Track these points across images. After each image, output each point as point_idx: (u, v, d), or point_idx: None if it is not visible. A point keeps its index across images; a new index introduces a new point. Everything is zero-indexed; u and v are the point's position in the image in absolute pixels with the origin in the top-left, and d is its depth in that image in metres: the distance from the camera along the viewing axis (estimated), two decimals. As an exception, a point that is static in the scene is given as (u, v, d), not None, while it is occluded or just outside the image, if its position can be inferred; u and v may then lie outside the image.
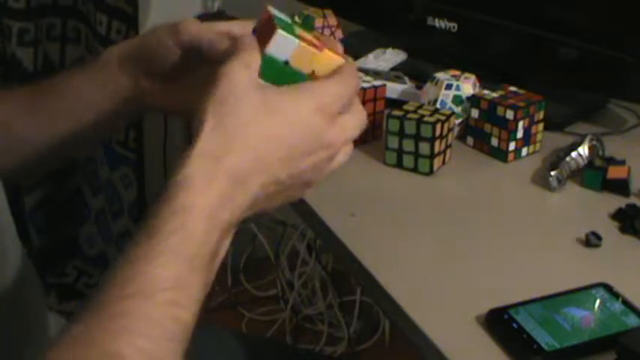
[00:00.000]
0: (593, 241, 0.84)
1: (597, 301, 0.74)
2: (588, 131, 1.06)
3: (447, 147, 0.99)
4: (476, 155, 1.04)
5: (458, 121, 1.04)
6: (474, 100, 1.04)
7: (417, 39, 1.30)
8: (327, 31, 1.31)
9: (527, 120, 1.01)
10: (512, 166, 1.02)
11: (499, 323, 0.71)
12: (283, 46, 0.63)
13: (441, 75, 1.07)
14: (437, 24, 1.24)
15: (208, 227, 0.57)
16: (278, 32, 0.63)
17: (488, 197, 0.96)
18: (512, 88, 1.05)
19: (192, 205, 0.56)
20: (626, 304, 0.73)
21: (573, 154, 0.97)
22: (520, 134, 1.01)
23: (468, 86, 1.05)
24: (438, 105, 1.04)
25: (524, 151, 1.03)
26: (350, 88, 0.65)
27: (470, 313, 0.73)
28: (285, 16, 0.68)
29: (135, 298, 0.53)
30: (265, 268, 2.03)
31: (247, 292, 2.03)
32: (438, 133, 0.96)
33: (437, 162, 0.98)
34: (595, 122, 1.13)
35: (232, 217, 0.59)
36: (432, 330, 0.71)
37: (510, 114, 1.00)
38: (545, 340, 0.68)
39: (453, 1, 1.24)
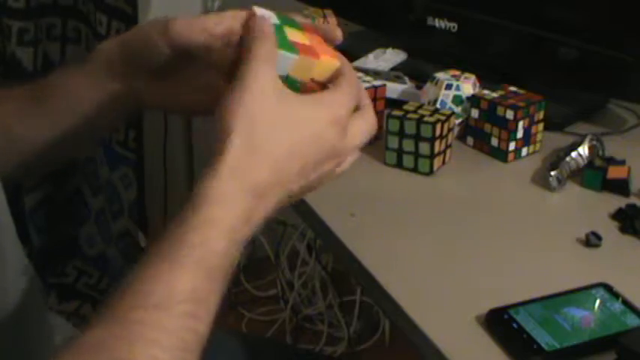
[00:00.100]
0: (593, 241, 0.84)
1: (597, 301, 0.74)
2: (588, 131, 1.06)
3: (447, 147, 0.99)
4: (476, 155, 1.04)
5: (458, 121, 1.04)
6: (474, 100, 1.04)
7: (417, 39, 1.30)
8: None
9: (527, 120, 1.01)
10: (512, 166, 1.02)
11: (499, 323, 0.71)
12: (282, 62, 0.64)
13: (441, 75, 1.07)
14: (437, 24, 1.24)
15: (229, 243, 0.58)
16: (277, 52, 0.63)
17: (488, 197, 0.96)
18: (512, 88, 1.05)
19: (216, 219, 0.57)
20: (626, 304, 0.73)
21: (573, 154, 0.97)
22: (520, 134, 1.01)
23: (468, 86, 1.05)
24: (438, 105, 1.04)
25: (524, 151, 1.03)
26: (354, 94, 0.66)
27: (470, 313, 0.73)
28: (270, 14, 0.67)
29: (153, 308, 0.54)
30: (265, 268, 2.03)
31: (247, 292, 2.03)
32: (438, 133, 0.96)
33: (437, 162, 0.98)
34: (595, 122, 1.13)
35: (250, 231, 0.60)
36: (432, 330, 0.71)
37: (510, 114, 1.00)
38: (545, 340, 0.68)
39: (453, 1, 1.24)
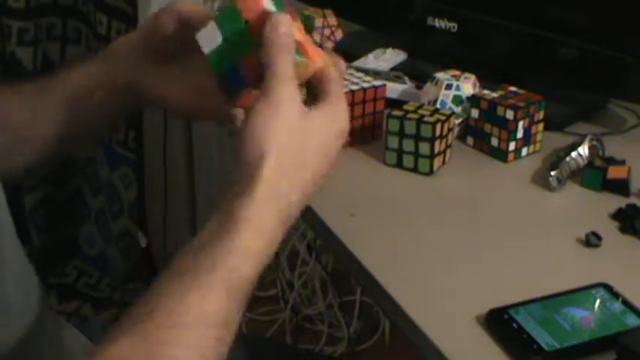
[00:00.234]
0: (593, 241, 0.84)
1: (597, 301, 0.74)
2: (588, 131, 1.06)
3: (447, 147, 0.99)
4: (476, 155, 1.04)
5: (458, 121, 1.04)
6: (474, 100, 1.04)
7: (417, 39, 1.30)
8: (327, 31, 1.31)
9: (527, 120, 1.01)
10: (512, 166, 1.02)
11: (499, 323, 0.71)
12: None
13: (441, 75, 1.07)
14: (437, 24, 1.24)
15: (257, 269, 0.61)
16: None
17: (488, 197, 0.96)
18: (512, 88, 1.05)
19: (252, 248, 0.60)
20: (626, 304, 0.73)
21: (573, 154, 0.97)
22: (520, 134, 1.01)
23: (468, 86, 1.05)
24: (438, 105, 1.04)
25: (524, 151, 1.03)
26: (344, 98, 0.69)
27: (470, 313, 0.73)
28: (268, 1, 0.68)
29: (185, 329, 0.56)
30: (265, 268, 2.02)
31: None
32: (438, 133, 0.96)
33: (437, 162, 0.97)
34: (595, 122, 1.13)
35: (272, 254, 0.63)
36: (432, 330, 0.71)
37: (510, 114, 1.00)
38: (545, 340, 0.68)
39: (453, 1, 1.24)
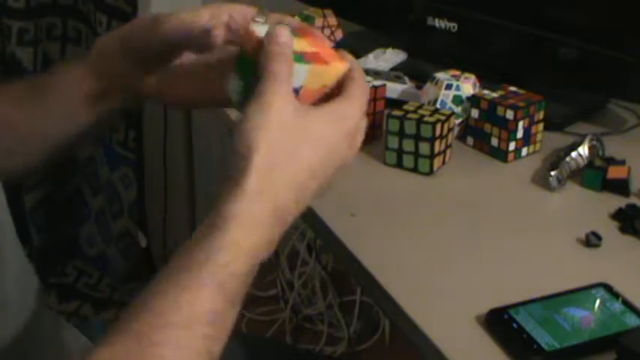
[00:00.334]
0: (593, 241, 0.84)
1: (597, 301, 0.74)
2: (588, 131, 1.06)
3: (447, 147, 0.99)
4: (476, 155, 1.04)
5: (458, 121, 1.04)
6: (474, 100, 1.04)
7: (417, 39, 1.30)
8: (327, 31, 1.31)
9: (527, 120, 1.01)
10: (512, 166, 1.02)
11: (499, 323, 0.71)
12: (296, 76, 0.63)
13: (441, 75, 1.07)
14: (437, 24, 1.24)
15: (250, 267, 0.60)
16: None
17: (488, 197, 0.96)
18: (512, 88, 1.05)
19: (242, 243, 0.59)
20: (626, 304, 0.73)
21: (573, 154, 0.97)
22: (520, 134, 1.01)
23: (468, 86, 1.05)
24: (438, 105, 1.04)
25: (524, 151, 1.03)
26: (365, 100, 0.67)
27: (470, 313, 0.73)
28: (266, 27, 0.65)
29: (175, 329, 0.55)
30: (265, 268, 2.01)
31: (247, 292, 2.02)
32: (438, 133, 0.96)
33: (437, 162, 0.97)
34: (595, 122, 1.13)
35: (268, 255, 0.62)
36: (432, 330, 0.71)
37: (510, 114, 1.00)
38: (545, 340, 0.68)
39: (453, 1, 1.24)
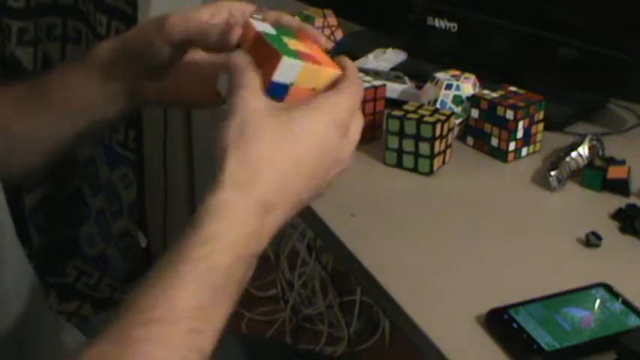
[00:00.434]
0: (593, 241, 0.84)
1: (597, 301, 0.74)
2: (588, 131, 1.06)
3: (447, 147, 0.99)
4: (476, 155, 1.04)
5: (458, 121, 1.04)
6: (474, 100, 1.04)
7: (417, 39, 1.30)
8: (327, 31, 1.31)
9: (527, 120, 1.01)
10: (512, 166, 1.02)
11: (499, 323, 0.71)
12: (288, 70, 0.63)
13: (441, 75, 1.07)
14: (437, 24, 1.24)
15: (235, 260, 0.57)
16: (284, 59, 0.63)
17: (488, 197, 0.96)
18: (512, 88, 1.05)
19: (221, 235, 0.57)
20: (626, 304, 0.73)
21: (573, 154, 0.97)
22: (520, 134, 1.01)
23: (468, 86, 1.05)
24: (438, 105, 1.04)
25: (524, 151, 1.03)
26: (357, 98, 0.65)
27: (470, 313, 0.73)
28: (266, 25, 0.67)
29: (155, 324, 0.53)
30: (265, 268, 2.03)
31: (247, 292, 2.03)
32: (438, 133, 0.96)
33: (437, 162, 0.97)
34: (595, 122, 1.13)
35: (259, 248, 0.60)
36: (432, 330, 0.71)
37: (510, 114, 1.00)
38: (545, 340, 0.68)
39: (453, 1, 1.24)
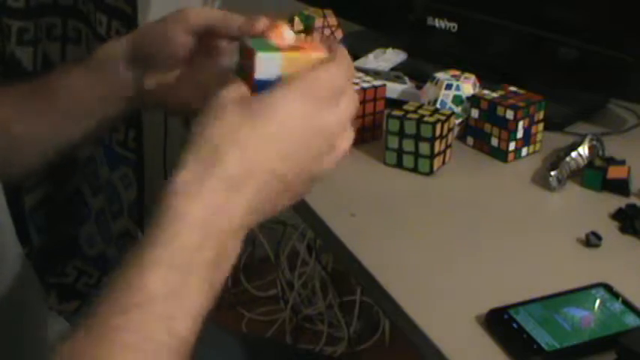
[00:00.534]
0: (593, 241, 0.84)
1: (597, 301, 0.74)
2: (588, 131, 1.06)
3: (447, 147, 0.99)
4: (476, 155, 1.04)
5: (458, 121, 1.04)
6: (474, 100, 1.04)
7: (417, 39, 1.30)
8: (327, 31, 1.31)
9: (527, 120, 1.01)
10: (512, 166, 1.02)
11: (499, 323, 0.71)
12: (268, 65, 0.63)
13: (441, 75, 1.07)
14: (437, 24, 1.24)
15: (203, 236, 0.56)
16: (258, 55, 0.62)
17: (488, 197, 0.96)
18: (512, 88, 1.05)
19: (185, 213, 0.55)
20: (626, 304, 0.73)
21: (573, 154, 0.97)
22: (520, 134, 1.01)
23: (468, 86, 1.05)
24: (438, 105, 1.04)
25: (524, 151, 1.03)
26: (340, 75, 0.62)
27: (470, 313, 0.73)
28: (260, 40, 0.67)
29: (130, 312, 0.52)
30: (265, 268, 2.03)
31: (247, 292, 2.03)
32: (438, 133, 0.96)
33: (437, 162, 0.97)
34: (595, 122, 1.13)
35: (231, 225, 0.57)
36: (432, 330, 0.71)
37: (510, 114, 1.00)
38: (545, 340, 0.68)
39: (453, 1, 1.24)
